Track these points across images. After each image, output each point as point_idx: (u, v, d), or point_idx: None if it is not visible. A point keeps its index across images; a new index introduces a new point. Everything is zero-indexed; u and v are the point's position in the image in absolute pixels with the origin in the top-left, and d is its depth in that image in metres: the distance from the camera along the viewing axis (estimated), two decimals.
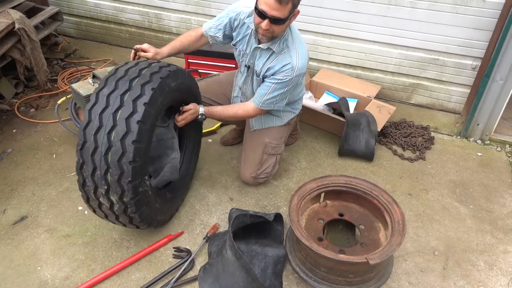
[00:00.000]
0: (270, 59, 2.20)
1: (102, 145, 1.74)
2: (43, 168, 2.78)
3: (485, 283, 2.13)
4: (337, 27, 3.37)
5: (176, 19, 3.97)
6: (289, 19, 2.00)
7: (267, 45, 2.16)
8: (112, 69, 1.93)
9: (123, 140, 1.74)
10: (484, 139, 3.15)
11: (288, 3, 1.90)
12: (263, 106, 2.29)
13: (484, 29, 2.94)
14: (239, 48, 2.33)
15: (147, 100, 1.79)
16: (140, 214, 1.94)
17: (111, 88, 1.81)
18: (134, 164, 1.77)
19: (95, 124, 1.76)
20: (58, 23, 3.90)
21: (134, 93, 1.79)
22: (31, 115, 3.32)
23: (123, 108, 1.76)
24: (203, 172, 2.78)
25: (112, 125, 1.75)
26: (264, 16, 1.94)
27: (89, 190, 1.86)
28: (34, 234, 2.32)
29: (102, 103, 1.78)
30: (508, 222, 2.47)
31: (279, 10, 1.92)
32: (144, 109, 1.77)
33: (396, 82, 3.49)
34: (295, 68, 2.15)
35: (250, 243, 2.16)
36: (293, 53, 2.16)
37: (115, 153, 1.74)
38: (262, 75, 2.26)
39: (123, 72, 1.88)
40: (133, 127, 1.75)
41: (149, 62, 1.99)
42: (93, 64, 4.09)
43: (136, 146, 1.76)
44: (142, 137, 1.78)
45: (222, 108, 2.39)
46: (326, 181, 2.18)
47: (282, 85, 2.21)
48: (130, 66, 1.94)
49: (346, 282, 1.87)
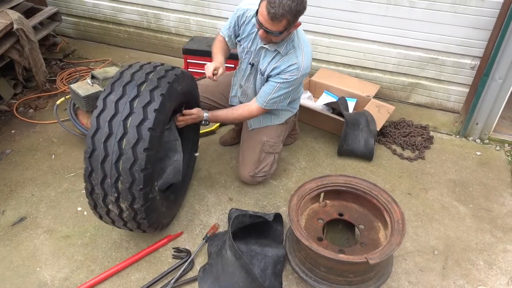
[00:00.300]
0: (276, 59, 2.21)
1: (112, 153, 1.72)
2: (42, 169, 2.77)
3: (484, 282, 2.13)
4: (336, 26, 3.37)
5: (175, 19, 3.96)
6: (287, 31, 2.01)
7: (274, 47, 2.17)
8: (116, 73, 1.90)
9: (134, 148, 1.72)
10: (483, 138, 3.15)
11: (282, 20, 1.92)
12: (267, 106, 2.30)
13: (483, 28, 2.94)
14: (243, 45, 2.35)
15: (157, 107, 1.77)
16: (149, 220, 1.94)
17: (118, 94, 1.79)
18: (146, 171, 1.76)
19: (104, 132, 1.73)
20: (56, 23, 3.90)
21: (144, 100, 1.77)
22: (30, 116, 3.31)
23: (134, 115, 1.74)
24: (203, 172, 2.78)
25: (122, 132, 1.72)
26: (260, 25, 1.99)
27: (98, 197, 1.84)
28: (33, 235, 2.31)
29: (110, 109, 1.76)
30: (507, 221, 2.47)
31: (273, 26, 1.96)
32: (154, 116, 1.75)
33: (395, 82, 3.49)
34: (301, 68, 2.18)
35: (250, 243, 2.15)
36: (299, 53, 2.18)
37: (126, 161, 1.72)
38: (267, 74, 2.26)
39: (129, 77, 1.85)
40: (145, 135, 1.73)
41: (154, 65, 1.97)
42: (92, 64, 4.09)
43: (147, 154, 1.74)
44: (153, 144, 1.77)
45: (226, 112, 2.39)
46: (326, 181, 2.18)
47: (287, 84, 2.22)
48: (135, 70, 1.91)
49: (346, 282, 1.87)
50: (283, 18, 1.91)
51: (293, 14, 1.92)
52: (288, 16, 1.91)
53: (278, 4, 1.87)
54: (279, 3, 1.87)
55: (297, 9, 1.92)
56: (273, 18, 1.91)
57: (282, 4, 1.87)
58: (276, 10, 1.88)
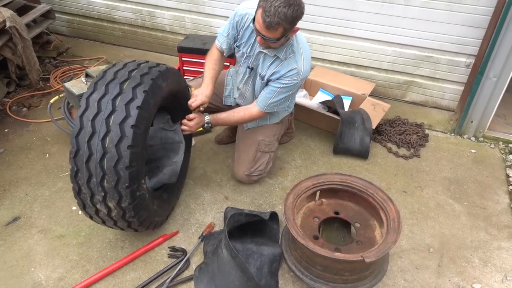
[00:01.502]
0: (275, 64, 2.20)
1: (96, 152, 1.72)
2: (36, 168, 2.75)
3: (479, 279, 2.14)
4: (331, 24, 3.36)
5: (169, 17, 3.94)
6: (284, 37, 1.99)
7: (273, 52, 2.16)
8: (100, 72, 1.90)
9: (118, 146, 1.72)
10: (478, 136, 3.17)
11: (278, 28, 1.89)
12: (267, 109, 2.30)
13: (477, 26, 2.95)
14: (242, 50, 2.32)
15: (140, 104, 1.76)
16: (139, 218, 1.92)
17: (101, 93, 1.78)
18: (131, 169, 1.75)
19: (87, 131, 1.73)
20: (50, 21, 3.86)
21: (126, 97, 1.76)
22: (23, 115, 3.28)
23: (116, 113, 1.74)
24: (198, 171, 2.77)
25: (105, 131, 1.72)
26: (258, 33, 1.97)
27: (85, 197, 1.83)
28: (27, 235, 2.30)
29: (93, 108, 1.75)
30: (501, 219, 2.49)
31: (269, 33, 1.93)
32: (137, 113, 1.75)
33: (391, 80, 3.49)
34: (301, 72, 2.17)
35: (246, 242, 2.15)
36: (299, 58, 2.16)
37: (110, 159, 1.72)
38: (266, 79, 2.25)
39: (112, 75, 1.85)
40: (128, 132, 1.73)
41: (138, 63, 1.96)
42: (86, 62, 4.06)
43: (131, 151, 1.73)
44: (137, 141, 1.76)
45: (227, 115, 2.38)
46: (322, 180, 2.17)
47: (288, 89, 2.22)
48: (118, 68, 1.90)
49: (342, 280, 1.87)
50: (279, 26, 1.88)
51: (289, 22, 1.89)
52: (284, 24, 1.88)
53: (273, 13, 1.83)
54: (274, 11, 1.83)
55: (293, 16, 1.88)
56: (268, 27, 1.88)
57: (278, 12, 1.83)
58: (271, 18, 1.85)
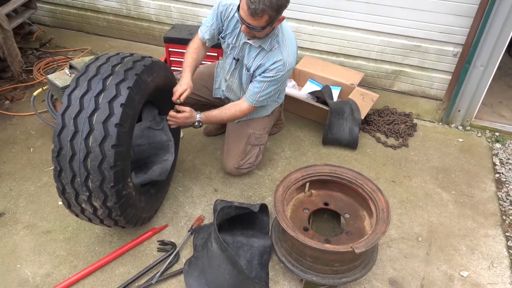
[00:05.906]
0: (261, 55, 2.17)
1: (80, 151, 1.67)
2: (20, 163, 2.69)
3: (467, 267, 2.17)
4: (320, 14, 3.33)
5: (155, 6, 3.86)
6: (269, 26, 1.97)
7: (258, 43, 2.13)
8: (82, 67, 1.82)
9: (102, 145, 1.66)
10: (465, 125, 3.19)
11: (263, 16, 1.87)
12: (257, 103, 2.28)
13: (465, 15, 2.95)
14: (227, 41, 2.29)
15: (124, 101, 1.71)
16: (125, 216, 1.89)
17: (83, 89, 1.72)
18: (116, 168, 1.71)
19: (70, 129, 1.67)
20: (31, 11, 3.75)
21: (109, 94, 1.70)
22: (6, 108, 3.20)
23: (99, 111, 1.68)
24: (187, 163, 2.74)
25: (88, 130, 1.66)
26: (242, 21, 1.94)
27: (70, 196, 1.78)
28: (13, 231, 2.25)
29: (75, 106, 1.69)
30: (488, 207, 2.52)
31: (254, 21, 1.91)
32: (121, 111, 1.69)
33: (379, 69, 3.49)
34: (286, 64, 2.15)
35: (236, 234, 2.14)
36: (284, 49, 2.14)
37: (94, 159, 1.67)
38: (252, 71, 2.23)
39: (95, 70, 1.78)
40: (112, 131, 1.67)
41: (122, 56, 1.89)
42: (70, 53, 3.97)
43: (116, 150, 1.69)
44: (121, 140, 1.71)
45: (218, 112, 2.33)
46: (311, 171, 2.17)
47: (275, 81, 2.20)
48: (101, 62, 1.83)
49: (332, 271, 1.88)
50: (264, 13, 1.86)
51: (275, 9, 1.87)
52: (269, 11, 1.86)
53: (259, 0, 1.82)
54: None
55: (278, 4, 1.86)
56: (253, 14, 1.86)
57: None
58: (256, 5, 1.82)
